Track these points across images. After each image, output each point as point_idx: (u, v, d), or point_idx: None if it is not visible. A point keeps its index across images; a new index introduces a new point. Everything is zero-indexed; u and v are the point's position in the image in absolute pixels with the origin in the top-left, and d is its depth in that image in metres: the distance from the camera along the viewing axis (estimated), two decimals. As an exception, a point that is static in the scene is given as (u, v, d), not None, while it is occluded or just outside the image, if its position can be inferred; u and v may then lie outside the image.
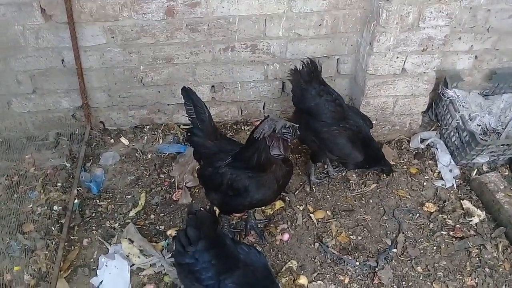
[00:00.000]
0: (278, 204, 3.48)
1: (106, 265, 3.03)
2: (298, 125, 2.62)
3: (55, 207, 3.38)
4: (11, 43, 3.42)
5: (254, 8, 3.50)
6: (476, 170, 3.79)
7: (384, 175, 3.71)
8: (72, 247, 3.17)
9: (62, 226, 3.23)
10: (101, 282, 2.98)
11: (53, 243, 3.14)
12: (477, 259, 3.21)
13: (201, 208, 2.55)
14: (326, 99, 3.34)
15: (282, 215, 3.44)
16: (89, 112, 3.90)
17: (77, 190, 3.50)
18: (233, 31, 3.60)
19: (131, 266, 3.05)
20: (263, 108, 4.15)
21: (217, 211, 3.17)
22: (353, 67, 3.95)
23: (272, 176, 2.77)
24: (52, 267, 2.98)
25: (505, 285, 3.07)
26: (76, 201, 3.42)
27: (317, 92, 3.33)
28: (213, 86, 3.93)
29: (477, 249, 3.26)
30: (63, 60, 3.60)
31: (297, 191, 3.61)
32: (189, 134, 3.07)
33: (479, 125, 3.92)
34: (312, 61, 3.33)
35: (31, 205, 3.38)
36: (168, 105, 4.00)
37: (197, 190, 3.58)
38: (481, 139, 3.56)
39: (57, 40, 3.48)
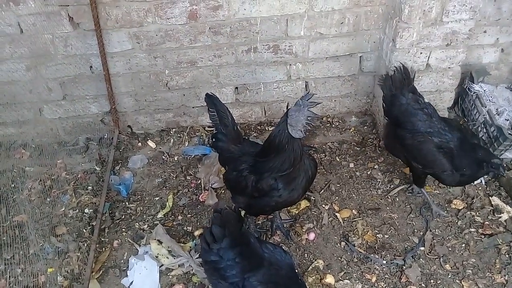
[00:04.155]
0: (303, 203, 3.50)
1: (136, 266, 3.11)
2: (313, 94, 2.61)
3: (86, 210, 3.48)
4: (41, 51, 3.54)
5: (275, 8, 3.53)
6: (505, 165, 3.71)
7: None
8: (103, 249, 3.27)
9: (93, 228, 3.33)
10: (131, 283, 3.06)
11: (85, 245, 3.23)
12: (507, 256, 3.15)
13: (226, 207, 2.57)
14: (413, 107, 3.20)
15: (308, 214, 3.46)
16: (117, 116, 4.00)
17: (107, 193, 3.60)
18: (255, 32, 3.63)
19: (160, 267, 3.12)
20: (287, 108, 4.14)
21: (243, 212, 3.21)
22: (376, 64, 3.93)
23: (301, 169, 2.76)
24: (84, 269, 3.07)
25: (537, 282, 3.02)
26: (106, 203, 3.52)
27: (406, 100, 3.20)
28: (236, 87, 3.98)
29: (506, 246, 3.20)
30: (91, 67, 3.70)
31: (322, 190, 3.61)
32: (213, 139, 3.10)
33: (507, 120, 3.83)
34: (404, 68, 3.23)
35: (63, 209, 3.49)
36: (193, 107, 4.06)
37: (223, 191, 3.63)
38: (509, 133, 3.49)
39: (85, 47, 3.58)
